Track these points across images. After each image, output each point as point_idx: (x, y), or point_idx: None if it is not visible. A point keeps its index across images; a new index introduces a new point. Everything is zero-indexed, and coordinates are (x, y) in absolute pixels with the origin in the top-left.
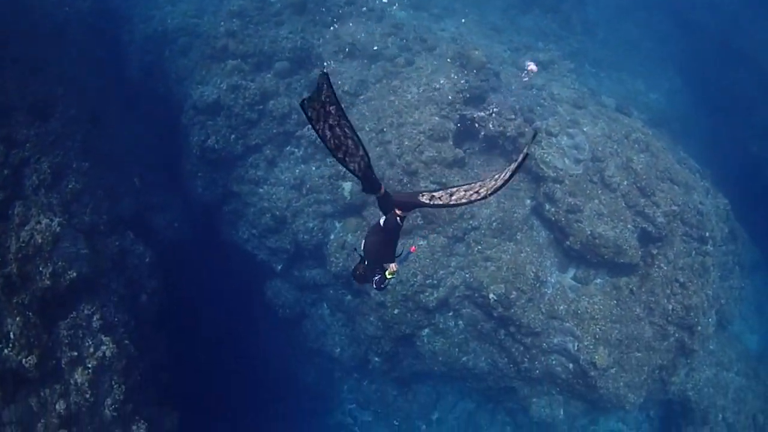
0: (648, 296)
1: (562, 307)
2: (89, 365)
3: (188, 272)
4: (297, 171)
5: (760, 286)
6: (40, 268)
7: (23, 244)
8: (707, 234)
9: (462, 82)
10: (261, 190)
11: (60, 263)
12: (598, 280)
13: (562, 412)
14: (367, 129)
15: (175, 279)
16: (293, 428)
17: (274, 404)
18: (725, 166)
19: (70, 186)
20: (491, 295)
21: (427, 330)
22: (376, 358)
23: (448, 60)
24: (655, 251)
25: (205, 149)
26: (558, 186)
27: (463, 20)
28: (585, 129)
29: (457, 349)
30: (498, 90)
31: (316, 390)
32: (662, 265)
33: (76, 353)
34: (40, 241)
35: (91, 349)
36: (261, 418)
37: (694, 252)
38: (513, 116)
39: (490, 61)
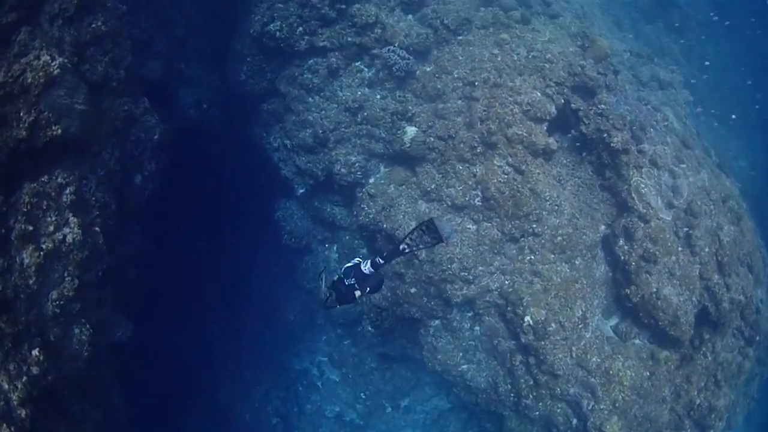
0: (682, 381)
1: (594, 359)
2: (43, 246)
3: (199, 162)
4: (359, 93)
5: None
6: (21, 114)
7: (10, 79)
8: (757, 337)
9: (578, 65)
10: (311, 99)
11: (46, 113)
12: (638, 341)
13: None
14: (455, 75)
15: (181, 166)
16: (256, 359)
17: (245, 331)
18: None
19: (93, 25)
20: (527, 318)
21: (437, 322)
22: (370, 328)
23: (569, 36)
24: (707, 336)
25: (264, 33)
26: (642, 225)
27: None
28: (688, 173)
29: (461, 354)
30: (612, 91)
31: (293, 329)
32: (708, 354)
33: (31, 227)
34: (30, 80)
35: (51, 228)
36: (225, 337)
37: (737, 350)
38: (622, 126)
39: (612, 55)
